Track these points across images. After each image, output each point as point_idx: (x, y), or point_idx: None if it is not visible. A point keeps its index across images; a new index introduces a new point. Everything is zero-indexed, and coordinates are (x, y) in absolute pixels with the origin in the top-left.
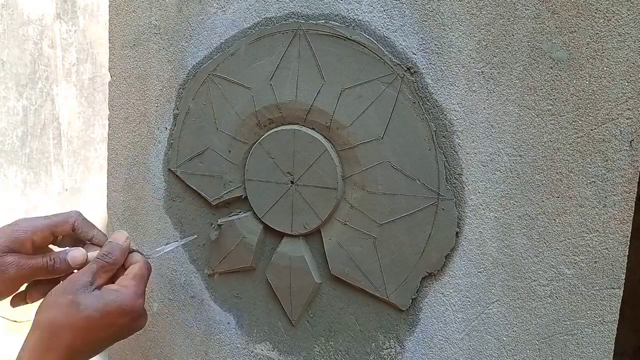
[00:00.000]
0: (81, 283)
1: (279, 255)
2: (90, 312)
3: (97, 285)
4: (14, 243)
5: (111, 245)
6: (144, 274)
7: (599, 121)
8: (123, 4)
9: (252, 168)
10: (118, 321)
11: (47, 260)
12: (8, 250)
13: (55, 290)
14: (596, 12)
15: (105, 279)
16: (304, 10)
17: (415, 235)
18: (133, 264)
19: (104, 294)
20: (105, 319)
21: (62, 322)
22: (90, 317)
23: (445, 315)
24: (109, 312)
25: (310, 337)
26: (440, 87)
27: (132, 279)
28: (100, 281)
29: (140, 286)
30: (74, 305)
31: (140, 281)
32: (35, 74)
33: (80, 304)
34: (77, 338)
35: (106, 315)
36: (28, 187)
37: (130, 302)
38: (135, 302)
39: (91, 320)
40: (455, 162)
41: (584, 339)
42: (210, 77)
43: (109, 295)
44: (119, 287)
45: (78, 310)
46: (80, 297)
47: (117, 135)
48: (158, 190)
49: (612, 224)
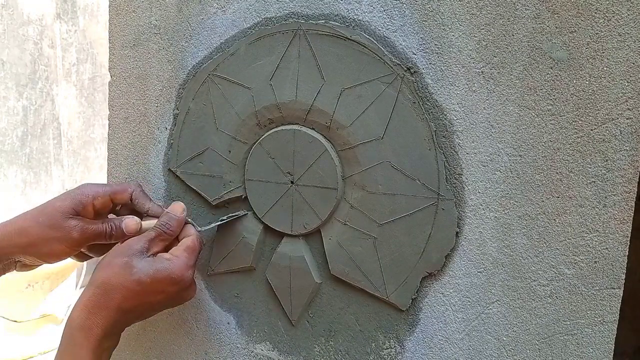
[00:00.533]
0: (137, 248)
1: (279, 255)
2: (141, 276)
3: (152, 253)
4: (78, 206)
5: (169, 216)
6: (196, 246)
7: (599, 121)
8: (123, 4)
9: (252, 168)
10: (167, 289)
11: (106, 226)
12: (73, 213)
13: (112, 252)
14: (596, 12)
15: (160, 247)
16: (304, 10)
17: (415, 235)
18: (187, 237)
19: (156, 261)
20: (155, 285)
21: (114, 282)
22: (141, 280)
23: (445, 315)
24: (159, 279)
25: (310, 337)
26: (440, 87)
27: (184, 250)
28: (156, 249)
29: (191, 258)
30: (127, 267)
31: (191, 253)
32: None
33: (133, 267)
34: (128, 299)
35: (156, 282)
36: (28, 187)
37: (180, 272)
38: (185, 272)
39: (142, 284)
40: (455, 162)
41: (584, 339)
42: (210, 77)
43: (161, 263)
44: (171, 256)
45: (131, 273)
46: (135, 261)
47: (117, 135)
48: (158, 190)
49: (612, 224)
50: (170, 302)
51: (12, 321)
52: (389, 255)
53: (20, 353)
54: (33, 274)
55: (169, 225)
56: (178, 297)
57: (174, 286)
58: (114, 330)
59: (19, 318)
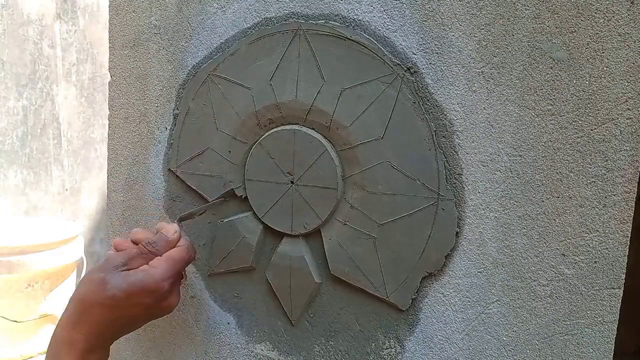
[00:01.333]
0: (114, 263)
1: (279, 255)
2: (115, 292)
3: (129, 267)
4: None
5: (160, 236)
6: (180, 257)
7: (599, 121)
8: (123, 4)
9: (252, 168)
10: (142, 300)
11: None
12: None
13: (92, 268)
14: (596, 12)
15: (140, 263)
16: (304, 10)
17: (415, 235)
18: (175, 247)
19: (130, 275)
20: (130, 299)
21: (91, 299)
22: (115, 296)
23: (445, 315)
24: (132, 292)
25: (310, 337)
26: (440, 87)
27: (164, 261)
28: (134, 264)
29: (170, 268)
30: (102, 283)
31: (172, 264)
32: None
33: (107, 282)
34: (104, 314)
35: (130, 295)
36: (28, 187)
37: (154, 283)
38: (160, 283)
39: (116, 299)
40: (455, 162)
41: (584, 339)
42: (210, 77)
43: (135, 276)
44: (148, 267)
45: (105, 289)
46: (109, 277)
47: (117, 135)
48: (158, 190)
49: (612, 224)
50: (151, 313)
51: (12, 321)
52: (389, 255)
53: (20, 353)
54: (33, 274)
55: (155, 245)
56: (157, 307)
57: (149, 297)
58: (97, 343)
59: (19, 318)
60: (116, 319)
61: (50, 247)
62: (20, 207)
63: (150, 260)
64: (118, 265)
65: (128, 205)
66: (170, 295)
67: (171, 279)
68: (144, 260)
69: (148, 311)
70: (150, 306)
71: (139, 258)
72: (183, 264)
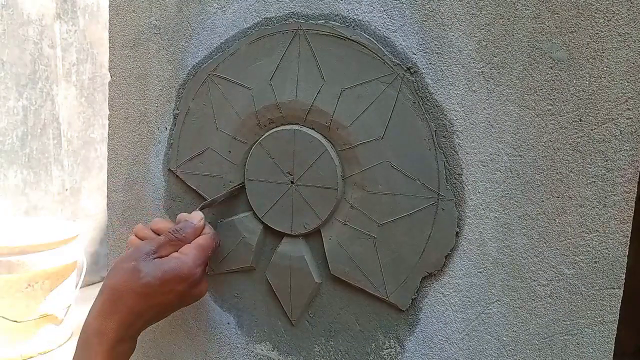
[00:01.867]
0: (144, 251)
1: (279, 255)
2: (149, 279)
3: (159, 255)
4: None
5: (186, 223)
6: (207, 244)
7: (599, 121)
8: (123, 4)
9: (252, 168)
10: (176, 288)
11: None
12: None
13: (122, 257)
14: (596, 12)
15: (169, 251)
16: (304, 10)
17: (415, 235)
18: (201, 235)
19: (163, 263)
20: (164, 286)
21: (124, 288)
22: (149, 284)
23: (445, 315)
24: (167, 280)
25: (310, 337)
26: (440, 87)
27: (194, 248)
28: (164, 252)
29: (200, 255)
30: (135, 272)
31: (202, 251)
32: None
33: (141, 270)
34: (138, 303)
35: (165, 282)
36: (28, 187)
37: (187, 270)
38: (193, 269)
39: (150, 287)
40: (455, 162)
41: (584, 339)
42: (210, 77)
43: (168, 264)
44: (180, 254)
45: (139, 277)
46: (142, 265)
47: (117, 135)
48: (158, 190)
49: (612, 224)
50: (182, 300)
51: (12, 321)
52: (389, 255)
53: (20, 353)
54: (33, 274)
55: (183, 231)
56: (188, 294)
57: (182, 284)
58: (128, 333)
59: (19, 318)
60: (149, 307)
61: (50, 247)
62: (20, 207)
63: (178, 247)
64: (149, 253)
65: (128, 205)
66: (201, 282)
67: (202, 266)
68: (172, 248)
69: (180, 298)
70: (183, 293)
71: (167, 246)
72: (210, 251)
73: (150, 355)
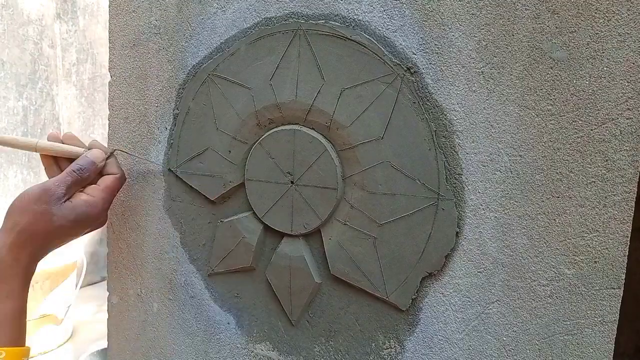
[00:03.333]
0: (56, 195)
1: (279, 255)
2: (62, 222)
3: (69, 196)
4: None
5: (87, 160)
6: (115, 186)
7: (599, 121)
8: (123, 4)
9: (252, 168)
10: (85, 228)
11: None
12: None
13: (30, 196)
14: (596, 12)
15: (75, 190)
16: (304, 10)
17: (415, 235)
18: (107, 175)
19: (75, 207)
20: (75, 228)
21: (36, 229)
22: (62, 226)
23: (445, 315)
24: (78, 222)
25: (310, 337)
26: (440, 87)
27: (101, 191)
28: (72, 192)
29: (108, 198)
30: (48, 215)
31: (109, 193)
32: (35, 74)
33: (54, 214)
34: (49, 240)
35: (76, 225)
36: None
37: (97, 213)
38: (102, 212)
39: (63, 229)
40: (455, 162)
41: (584, 339)
42: (210, 77)
43: (80, 208)
44: (89, 197)
45: (52, 221)
46: (55, 209)
47: (117, 135)
48: (158, 190)
49: (612, 224)
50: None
51: None
52: (389, 255)
53: None
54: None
55: (86, 171)
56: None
57: (92, 225)
58: (36, 259)
59: None
60: (58, 241)
61: None
62: None
63: (83, 184)
64: (60, 197)
65: (128, 205)
66: (104, 216)
67: (108, 207)
68: (77, 187)
69: (85, 230)
70: (88, 226)
71: (74, 185)
72: (117, 191)
73: (150, 355)
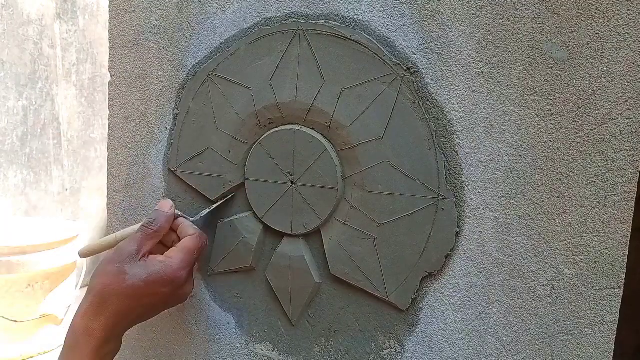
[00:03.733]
0: (127, 252)
1: (279, 255)
2: (135, 281)
3: (143, 254)
4: None
5: (157, 212)
6: (194, 246)
7: (599, 121)
8: (123, 4)
9: (252, 168)
10: (160, 290)
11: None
12: None
13: (105, 259)
14: (596, 12)
15: (150, 246)
16: (304, 10)
17: (415, 235)
18: (186, 236)
19: (148, 265)
20: (149, 288)
21: (110, 290)
22: (135, 285)
23: (445, 315)
24: (152, 282)
25: (310, 337)
26: (440, 87)
27: (179, 251)
28: (146, 249)
29: (185, 258)
30: (121, 274)
31: (187, 253)
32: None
33: (126, 272)
34: (124, 304)
35: (150, 285)
36: (28, 187)
37: (172, 273)
38: (178, 273)
39: (136, 289)
40: (455, 162)
41: (584, 339)
42: (210, 77)
43: (153, 267)
44: (165, 258)
45: (124, 279)
46: (127, 267)
47: (117, 135)
48: (158, 190)
49: (612, 224)
50: (167, 301)
51: (12, 321)
52: (389, 255)
53: (20, 353)
54: (33, 274)
55: (156, 222)
56: (174, 296)
57: (167, 287)
58: (114, 333)
59: (19, 318)
60: (134, 308)
61: (50, 247)
62: (20, 207)
63: (157, 239)
64: (132, 255)
65: (128, 205)
66: (186, 284)
67: (187, 268)
68: (151, 241)
69: (165, 300)
70: (168, 295)
71: (146, 240)
72: (197, 253)
73: (150, 356)
